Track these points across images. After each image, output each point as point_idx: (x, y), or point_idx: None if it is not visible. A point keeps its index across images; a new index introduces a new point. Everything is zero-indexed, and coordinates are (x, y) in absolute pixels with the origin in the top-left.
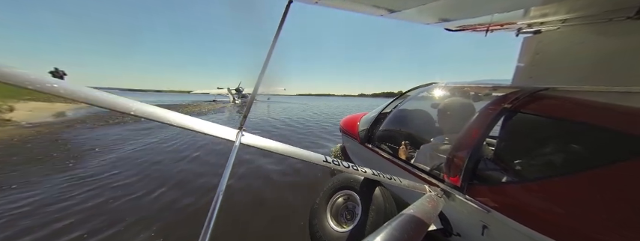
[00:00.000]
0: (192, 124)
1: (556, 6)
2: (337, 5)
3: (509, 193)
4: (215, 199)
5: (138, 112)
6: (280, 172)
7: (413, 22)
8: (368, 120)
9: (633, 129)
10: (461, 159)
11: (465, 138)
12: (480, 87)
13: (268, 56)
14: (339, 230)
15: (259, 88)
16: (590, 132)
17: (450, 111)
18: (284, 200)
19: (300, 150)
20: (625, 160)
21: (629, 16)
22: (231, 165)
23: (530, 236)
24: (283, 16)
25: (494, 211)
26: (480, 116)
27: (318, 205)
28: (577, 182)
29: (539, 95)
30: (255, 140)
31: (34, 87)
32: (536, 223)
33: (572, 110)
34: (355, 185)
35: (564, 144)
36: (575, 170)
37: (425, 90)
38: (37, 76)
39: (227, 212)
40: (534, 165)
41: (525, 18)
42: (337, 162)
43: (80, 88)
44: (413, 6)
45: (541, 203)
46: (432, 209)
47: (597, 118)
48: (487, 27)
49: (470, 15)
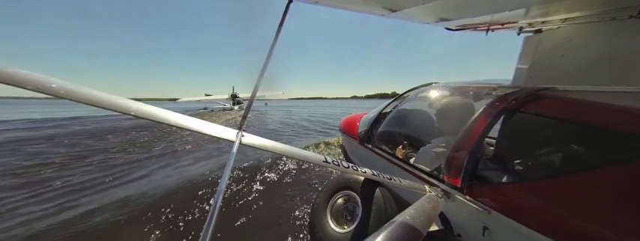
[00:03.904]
0: (192, 124)
1: (557, 5)
2: (337, 5)
3: (509, 193)
4: (215, 199)
5: (138, 112)
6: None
7: (413, 21)
8: (368, 120)
9: (634, 129)
10: (461, 159)
11: (465, 138)
12: (479, 87)
13: (268, 57)
14: (339, 231)
15: (257, 91)
16: (591, 132)
17: (449, 111)
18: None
19: (300, 150)
20: (625, 160)
21: (632, 15)
22: (232, 165)
23: (531, 237)
24: (283, 17)
25: (495, 211)
26: (480, 116)
27: (319, 205)
28: (578, 183)
29: (539, 95)
30: (255, 140)
31: (34, 88)
32: (537, 224)
33: (573, 110)
34: (355, 185)
35: (564, 144)
36: (576, 170)
37: (424, 90)
38: (36, 77)
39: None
40: (535, 165)
41: (526, 17)
42: (337, 163)
43: (80, 89)
44: (413, 5)
45: (542, 204)
46: (432, 209)
47: (598, 118)
48: (487, 26)
49: (470, 14)
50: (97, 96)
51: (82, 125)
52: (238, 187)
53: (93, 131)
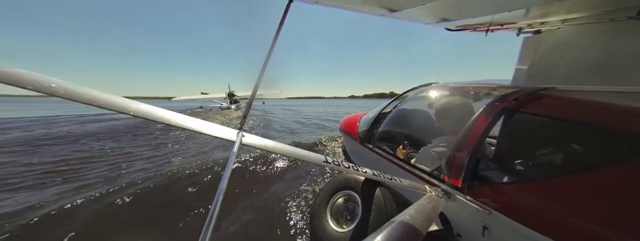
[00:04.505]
0: (192, 124)
1: (557, 6)
2: (337, 5)
3: (510, 193)
4: (215, 199)
5: (137, 112)
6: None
7: (413, 21)
8: (368, 120)
9: (634, 129)
10: (461, 159)
11: (466, 138)
12: (479, 87)
13: (268, 56)
14: (339, 231)
15: (257, 91)
16: (591, 132)
17: (449, 111)
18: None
19: (300, 150)
20: (626, 160)
21: (630, 16)
22: (232, 165)
23: (531, 236)
24: (283, 16)
25: (495, 212)
26: (480, 116)
27: (319, 205)
28: (578, 183)
29: (539, 95)
30: (255, 140)
31: (32, 87)
32: (538, 224)
33: (573, 110)
34: (355, 185)
35: (565, 143)
36: (576, 170)
37: (425, 90)
38: (35, 76)
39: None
40: (535, 165)
41: (526, 18)
42: (337, 162)
43: (79, 89)
44: (413, 5)
45: (542, 204)
46: (432, 209)
47: (598, 118)
48: (487, 27)
49: (470, 15)
50: (96, 95)
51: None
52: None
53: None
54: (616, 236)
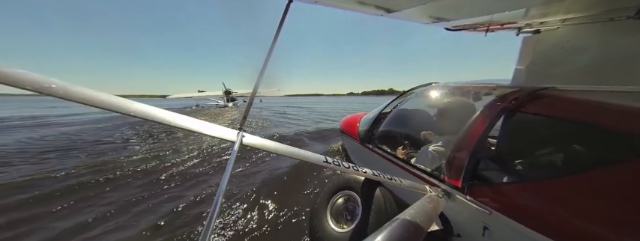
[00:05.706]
0: (192, 125)
1: (556, 6)
2: (336, 5)
3: (510, 193)
4: (215, 199)
5: (137, 113)
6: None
7: (412, 21)
8: (368, 120)
9: (633, 129)
10: (461, 159)
11: (466, 138)
12: (479, 87)
13: (268, 56)
14: (339, 231)
15: (257, 89)
16: (591, 132)
17: (450, 111)
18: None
19: (300, 150)
20: (625, 160)
21: (629, 16)
22: (232, 165)
23: (531, 237)
24: (283, 16)
25: (495, 212)
26: (480, 116)
27: (319, 205)
28: (578, 183)
29: (539, 94)
30: (255, 140)
31: (32, 88)
32: (538, 224)
33: (573, 110)
34: (355, 185)
35: (565, 143)
36: (576, 170)
37: (424, 90)
38: (34, 76)
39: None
40: (535, 165)
41: (525, 18)
42: (337, 163)
43: (78, 89)
44: (412, 6)
45: (542, 204)
46: (432, 209)
47: (597, 118)
48: (487, 27)
49: (469, 15)
50: (95, 96)
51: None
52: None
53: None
54: (616, 236)
